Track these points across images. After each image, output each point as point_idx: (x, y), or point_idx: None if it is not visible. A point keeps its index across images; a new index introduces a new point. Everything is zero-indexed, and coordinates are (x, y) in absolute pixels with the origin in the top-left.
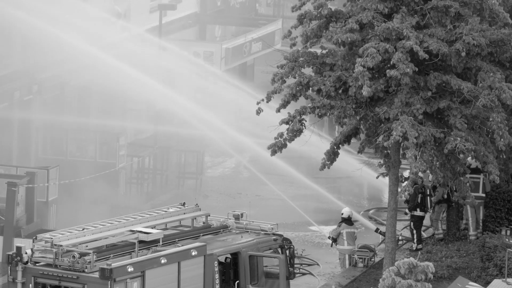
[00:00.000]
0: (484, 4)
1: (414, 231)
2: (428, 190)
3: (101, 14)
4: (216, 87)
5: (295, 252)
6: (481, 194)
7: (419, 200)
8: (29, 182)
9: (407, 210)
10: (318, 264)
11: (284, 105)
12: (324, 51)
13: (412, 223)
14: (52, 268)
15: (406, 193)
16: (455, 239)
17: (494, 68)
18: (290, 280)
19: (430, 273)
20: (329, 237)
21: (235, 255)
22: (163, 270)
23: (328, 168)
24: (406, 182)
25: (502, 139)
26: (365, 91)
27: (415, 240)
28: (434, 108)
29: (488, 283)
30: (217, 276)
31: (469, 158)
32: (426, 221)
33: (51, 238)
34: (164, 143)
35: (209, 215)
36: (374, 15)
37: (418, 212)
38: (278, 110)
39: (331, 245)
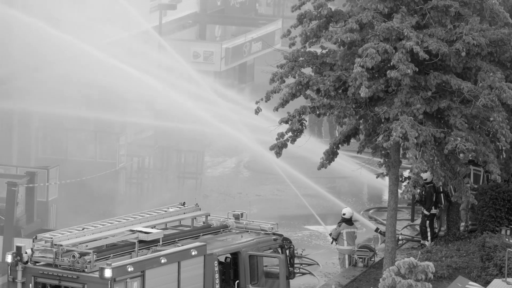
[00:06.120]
0: (484, 4)
1: (428, 229)
2: (440, 187)
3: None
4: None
5: (295, 252)
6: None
7: (433, 199)
8: (29, 182)
9: (425, 211)
10: (318, 264)
11: (283, 104)
12: (324, 51)
13: (428, 222)
14: (52, 267)
15: (408, 194)
16: (455, 239)
17: (494, 68)
18: (290, 280)
19: (430, 273)
20: (330, 234)
21: (235, 255)
22: (163, 270)
23: (325, 168)
24: (406, 182)
25: (504, 138)
26: (363, 92)
27: (429, 238)
28: (434, 108)
29: (488, 283)
30: (217, 276)
31: None
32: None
33: (51, 238)
34: (164, 142)
35: (209, 215)
36: (374, 15)
37: (433, 210)
38: (276, 109)
39: (331, 242)
